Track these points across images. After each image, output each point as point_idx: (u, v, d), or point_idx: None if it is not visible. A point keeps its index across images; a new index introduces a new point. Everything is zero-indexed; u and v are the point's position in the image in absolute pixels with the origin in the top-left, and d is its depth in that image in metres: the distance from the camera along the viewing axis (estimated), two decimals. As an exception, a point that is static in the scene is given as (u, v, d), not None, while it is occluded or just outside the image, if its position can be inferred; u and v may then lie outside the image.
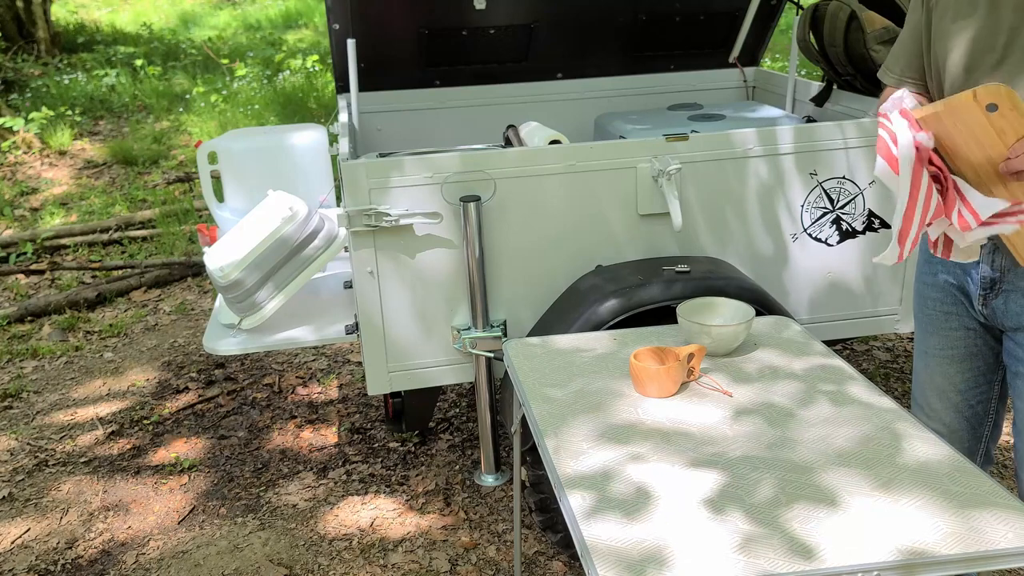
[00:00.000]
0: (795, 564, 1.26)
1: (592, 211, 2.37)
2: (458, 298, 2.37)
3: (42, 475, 3.07)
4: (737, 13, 3.34)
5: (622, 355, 1.93)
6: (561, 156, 2.32)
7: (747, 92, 3.60)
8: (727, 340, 1.89)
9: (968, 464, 1.48)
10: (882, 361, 3.59)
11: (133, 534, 2.74)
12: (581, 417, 1.68)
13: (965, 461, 1.49)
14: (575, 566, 2.51)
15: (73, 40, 10.71)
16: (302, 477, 2.98)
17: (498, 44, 3.22)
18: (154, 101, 8.05)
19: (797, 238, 2.52)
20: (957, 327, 1.84)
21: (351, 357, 3.81)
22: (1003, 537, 1.30)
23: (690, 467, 1.51)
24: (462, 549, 2.60)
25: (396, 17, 3.03)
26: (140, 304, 4.46)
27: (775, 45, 8.81)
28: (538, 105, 3.43)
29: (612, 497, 1.43)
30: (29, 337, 4.14)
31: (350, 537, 2.67)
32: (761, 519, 1.37)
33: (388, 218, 2.24)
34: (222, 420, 3.37)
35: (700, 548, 1.30)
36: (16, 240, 5.10)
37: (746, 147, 2.40)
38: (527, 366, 1.91)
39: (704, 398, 1.74)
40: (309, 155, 3.08)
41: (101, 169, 6.60)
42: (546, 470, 1.62)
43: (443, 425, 3.26)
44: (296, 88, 7.88)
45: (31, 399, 3.60)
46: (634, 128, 2.96)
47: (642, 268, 2.33)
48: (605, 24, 3.25)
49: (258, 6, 13.43)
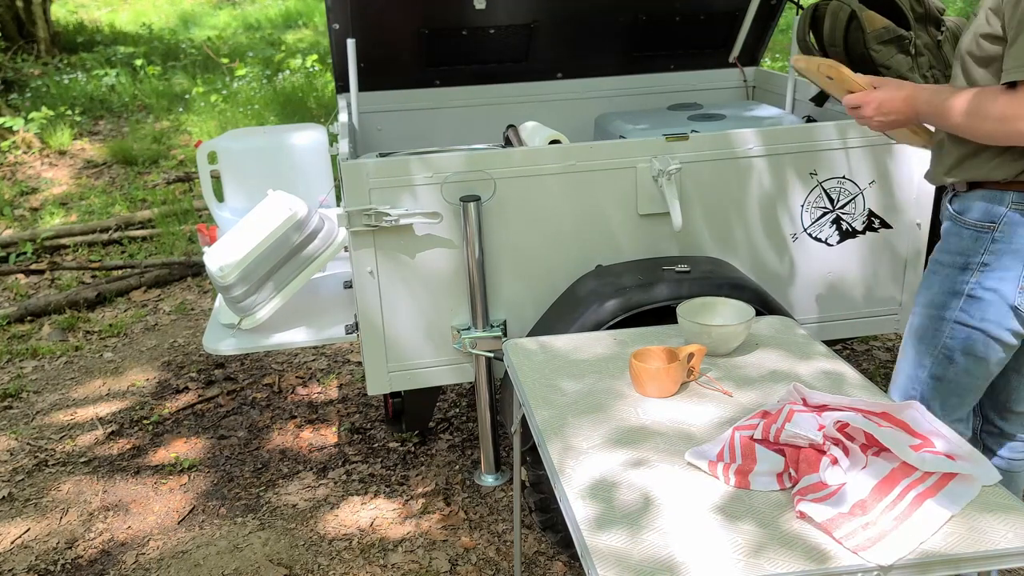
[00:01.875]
0: (795, 564, 1.26)
1: (592, 211, 2.37)
2: (458, 298, 2.37)
3: (42, 475, 3.07)
4: (737, 13, 3.34)
5: (622, 355, 1.93)
6: (561, 156, 2.32)
7: (747, 92, 3.59)
8: (727, 340, 1.89)
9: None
10: (882, 361, 3.59)
11: (133, 534, 2.74)
12: (581, 417, 1.68)
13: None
14: (575, 566, 2.51)
15: (73, 40, 10.71)
16: (302, 477, 2.98)
17: (498, 44, 3.22)
18: (154, 101, 8.05)
19: (797, 238, 2.52)
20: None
21: (351, 357, 3.81)
22: (1003, 537, 1.30)
23: (691, 468, 1.51)
24: (462, 549, 2.60)
25: (396, 17, 3.03)
26: (140, 304, 4.46)
27: (775, 45, 8.80)
28: (538, 105, 3.43)
29: (612, 498, 1.43)
30: (29, 337, 4.14)
31: (350, 537, 2.67)
32: (762, 519, 1.37)
33: (388, 218, 2.24)
34: (222, 420, 3.37)
35: (700, 548, 1.30)
36: (16, 240, 5.10)
37: (746, 147, 2.40)
38: (527, 366, 1.91)
39: (704, 398, 1.74)
40: (309, 155, 3.08)
41: (101, 169, 6.60)
42: (546, 470, 1.61)
43: (443, 425, 3.26)
44: (296, 88, 7.88)
45: (31, 399, 3.60)
46: (634, 128, 2.96)
47: (642, 268, 2.33)
48: (605, 24, 3.25)
49: (258, 6, 13.43)
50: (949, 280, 1.87)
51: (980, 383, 1.92)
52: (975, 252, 1.82)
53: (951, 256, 1.87)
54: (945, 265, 1.89)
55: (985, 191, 1.80)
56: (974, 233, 1.83)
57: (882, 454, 1.46)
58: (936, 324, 1.90)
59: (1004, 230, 1.78)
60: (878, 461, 1.44)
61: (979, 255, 1.82)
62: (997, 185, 1.78)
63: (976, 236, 1.82)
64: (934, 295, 1.90)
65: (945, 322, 1.88)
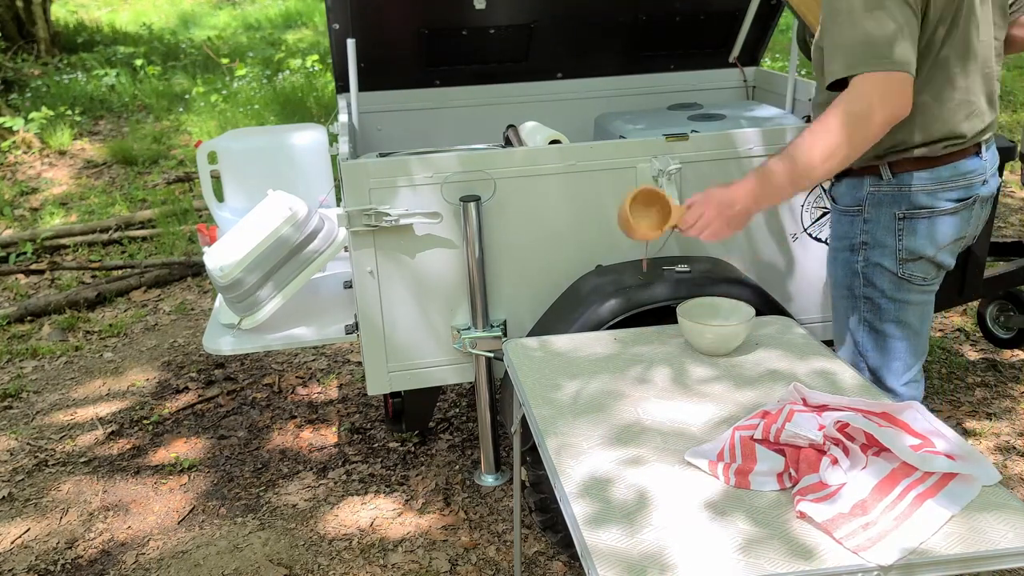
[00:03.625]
0: (795, 564, 1.26)
1: (592, 211, 2.37)
2: (458, 298, 2.37)
3: (42, 475, 3.07)
4: (737, 13, 3.34)
5: (622, 355, 1.93)
6: (561, 156, 2.32)
7: (747, 92, 3.59)
8: (727, 340, 1.89)
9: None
10: (882, 361, 3.59)
11: (133, 534, 2.74)
12: (581, 417, 1.68)
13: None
14: (575, 566, 2.51)
15: (73, 40, 10.71)
16: (302, 477, 2.98)
17: (498, 44, 3.22)
18: (154, 101, 8.05)
19: (797, 238, 2.52)
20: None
21: (351, 357, 3.81)
22: (1003, 537, 1.30)
23: (690, 467, 1.51)
24: (462, 549, 2.60)
25: (396, 17, 3.03)
26: (140, 304, 4.46)
27: (775, 45, 8.80)
28: (538, 105, 3.43)
29: (613, 498, 1.43)
30: (29, 337, 4.14)
31: (350, 537, 2.67)
32: (761, 519, 1.37)
33: (388, 218, 2.24)
34: (222, 420, 3.37)
35: (701, 548, 1.30)
36: (16, 240, 5.10)
37: (746, 147, 2.40)
38: (527, 366, 1.90)
39: (704, 398, 1.74)
40: (309, 155, 3.08)
41: (101, 169, 6.60)
42: (546, 470, 1.61)
43: (443, 425, 3.26)
44: (296, 88, 7.88)
45: (31, 399, 3.60)
46: (634, 128, 2.96)
47: (642, 268, 2.33)
48: (605, 24, 3.25)
49: (258, 6, 13.42)
50: (845, 262, 2.06)
51: (912, 343, 2.06)
52: (854, 234, 2.02)
53: (840, 240, 2.07)
54: (838, 249, 2.08)
55: (849, 179, 2.02)
56: (850, 217, 2.03)
57: (882, 454, 1.46)
58: (851, 303, 2.08)
59: (870, 211, 1.98)
60: (878, 461, 1.44)
61: (858, 236, 2.01)
62: (856, 172, 1.98)
63: (851, 220, 2.03)
64: (839, 278, 2.10)
65: (857, 299, 2.06)
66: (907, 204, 1.94)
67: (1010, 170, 4.87)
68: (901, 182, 1.93)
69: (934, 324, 3.81)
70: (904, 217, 1.95)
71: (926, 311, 2.05)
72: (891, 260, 1.98)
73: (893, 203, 1.95)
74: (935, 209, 1.93)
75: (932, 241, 1.96)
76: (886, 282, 2.00)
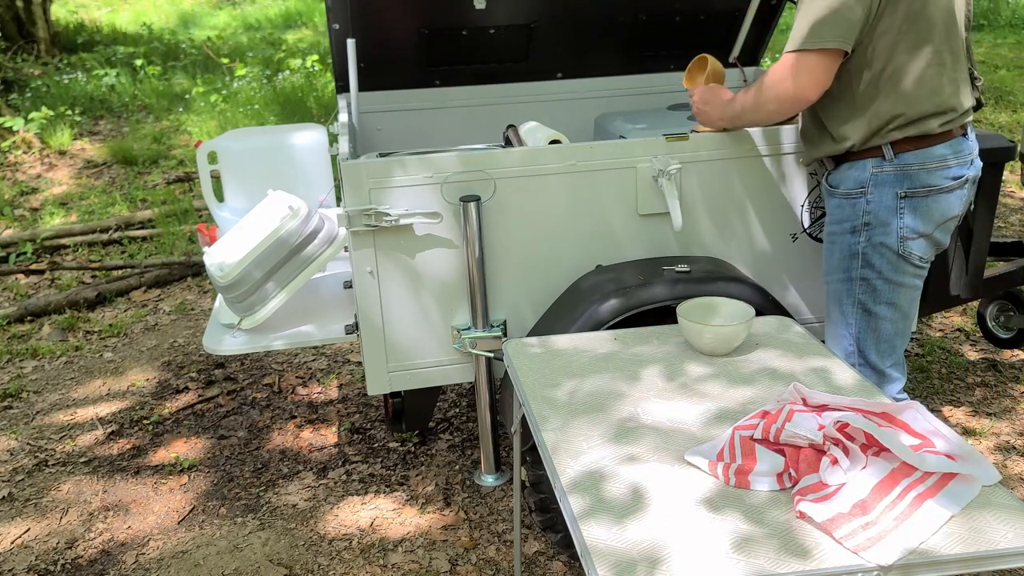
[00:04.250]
0: (795, 564, 1.26)
1: (592, 211, 2.37)
2: (458, 298, 2.37)
3: (42, 475, 3.07)
4: (737, 13, 3.34)
5: (622, 355, 1.93)
6: (561, 156, 2.32)
7: (747, 92, 3.59)
8: (727, 340, 1.89)
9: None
10: (882, 361, 3.59)
11: (133, 534, 2.74)
12: (581, 417, 1.68)
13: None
14: (575, 566, 2.51)
15: (73, 40, 10.70)
16: (302, 477, 2.98)
17: (498, 44, 3.22)
18: (154, 101, 8.05)
19: (797, 238, 2.52)
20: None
21: (351, 357, 3.81)
22: (1003, 537, 1.30)
23: (690, 467, 1.51)
24: (462, 549, 2.60)
25: (396, 17, 3.03)
26: (140, 304, 4.46)
27: (775, 45, 8.79)
28: (538, 105, 3.43)
29: (612, 497, 1.43)
30: (29, 337, 4.14)
31: (350, 537, 2.67)
32: (761, 519, 1.37)
33: (388, 218, 2.24)
34: (222, 420, 3.37)
35: (700, 548, 1.30)
36: (16, 240, 5.09)
37: (746, 147, 2.40)
38: (527, 366, 1.91)
39: (704, 398, 1.74)
40: (309, 155, 3.08)
41: (101, 169, 6.60)
42: (546, 470, 1.62)
43: (443, 425, 3.26)
44: (296, 88, 7.88)
45: (31, 399, 3.60)
46: (634, 128, 2.96)
47: (642, 268, 2.33)
48: (605, 24, 3.25)
49: (258, 6, 13.42)
50: (844, 246, 2.17)
51: (900, 326, 2.20)
52: (856, 216, 2.14)
53: (839, 225, 2.18)
54: (837, 234, 2.19)
55: (850, 163, 2.14)
56: (852, 200, 2.14)
57: (882, 454, 1.46)
58: (846, 286, 2.19)
59: (872, 191, 2.10)
60: (878, 461, 1.44)
61: (860, 217, 2.13)
62: (857, 155, 2.11)
63: (853, 202, 2.14)
64: (836, 262, 2.21)
65: (853, 281, 2.18)
66: (908, 183, 2.08)
67: (1010, 170, 4.87)
68: (903, 162, 2.08)
69: (934, 324, 3.81)
70: (905, 196, 2.09)
71: (915, 296, 2.19)
72: (893, 238, 2.11)
73: (895, 183, 2.09)
74: (934, 187, 2.09)
75: (931, 219, 2.11)
76: (885, 262, 2.13)
